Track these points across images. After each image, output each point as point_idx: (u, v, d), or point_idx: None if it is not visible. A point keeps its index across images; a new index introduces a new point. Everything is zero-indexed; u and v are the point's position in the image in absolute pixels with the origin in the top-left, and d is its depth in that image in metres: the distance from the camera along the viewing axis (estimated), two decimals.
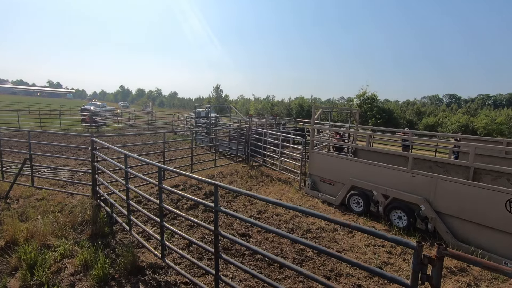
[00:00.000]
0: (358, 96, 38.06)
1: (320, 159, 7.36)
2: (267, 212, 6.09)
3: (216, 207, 2.94)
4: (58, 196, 6.17)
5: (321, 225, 5.55)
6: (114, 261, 3.94)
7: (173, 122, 23.04)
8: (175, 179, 7.90)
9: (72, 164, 9.32)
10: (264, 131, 10.48)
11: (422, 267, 1.79)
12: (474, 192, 4.77)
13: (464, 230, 4.95)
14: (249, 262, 4.19)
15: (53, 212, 5.27)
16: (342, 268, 4.16)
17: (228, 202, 6.61)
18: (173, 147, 13.39)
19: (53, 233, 4.49)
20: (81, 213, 5.06)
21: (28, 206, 5.51)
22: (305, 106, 47.20)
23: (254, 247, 2.84)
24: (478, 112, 38.31)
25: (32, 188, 6.43)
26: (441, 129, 35.42)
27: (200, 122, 16.33)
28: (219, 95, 70.52)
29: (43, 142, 6.79)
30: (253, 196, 2.74)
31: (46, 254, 3.95)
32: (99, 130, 19.32)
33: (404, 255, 4.65)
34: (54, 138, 14.43)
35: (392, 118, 37.54)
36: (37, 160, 9.48)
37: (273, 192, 7.59)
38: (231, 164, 10.19)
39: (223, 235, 3.01)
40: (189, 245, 4.53)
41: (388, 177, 5.90)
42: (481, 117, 33.90)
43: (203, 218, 5.66)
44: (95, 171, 5.51)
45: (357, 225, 2.07)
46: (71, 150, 11.78)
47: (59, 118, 19.51)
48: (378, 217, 6.09)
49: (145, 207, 5.97)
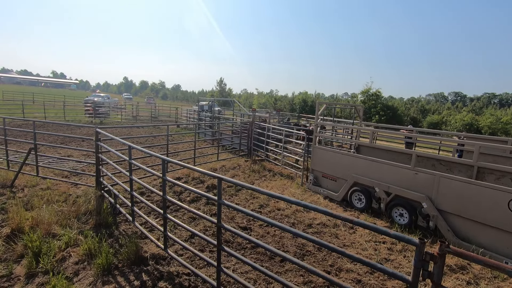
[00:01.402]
0: (362, 92, 37.76)
1: (323, 155, 7.35)
2: (269, 207, 6.13)
3: (220, 200, 2.96)
4: (63, 186, 6.24)
5: (322, 220, 5.57)
6: (117, 251, 4.00)
7: (176, 115, 23.08)
8: (177, 172, 7.94)
9: (76, 155, 9.39)
10: (267, 125, 10.46)
11: (423, 264, 1.80)
12: (477, 191, 4.75)
13: (466, 229, 4.95)
14: (251, 255, 4.23)
15: (58, 201, 5.33)
16: (343, 263, 4.19)
17: (230, 196, 6.65)
18: (176, 140, 13.42)
19: (58, 222, 4.56)
20: (85, 203, 5.12)
21: (33, 195, 5.58)
22: (309, 101, 46.99)
23: (256, 240, 2.86)
24: (483, 111, 37.90)
25: (37, 177, 6.51)
26: (445, 127, 35.13)
27: (203, 115, 16.32)
28: (223, 89, 70.40)
29: (48, 132, 6.85)
30: (256, 189, 2.75)
31: (51, 243, 4.02)
32: (102, 122, 19.41)
33: (404, 252, 4.67)
34: (58, 129, 14.53)
35: (396, 115, 37.29)
36: (42, 150, 9.55)
37: (275, 187, 7.62)
38: (234, 158, 10.22)
39: (226, 228, 3.03)
40: (191, 237, 4.58)
41: (391, 174, 5.89)
42: (486, 116, 33.55)
43: (205, 211, 5.70)
44: (99, 162, 5.55)
45: (359, 221, 2.07)
46: (75, 141, 11.85)
47: (63, 109, 19.61)
48: (379, 214, 6.10)
49: (148, 198, 6.02)
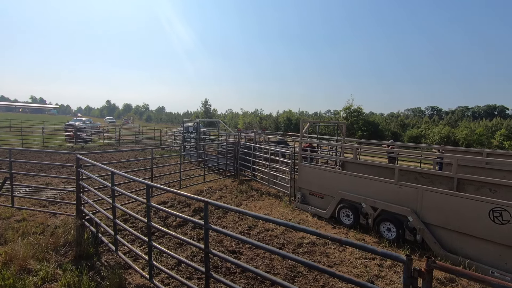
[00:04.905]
0: (344, 109, 39.00)
1: (309, 173, 7.40)
2: (258, 228, 6.03)
3: (206, 225, 2.89)
4: (40, 217, 5.92)
5: (312, 239, 5.52)
6: (99, 284, 3.77)
7: (161, 137, 22.81)
8: (163, 196, 7.74)
9: (55, 182, 9.01)
10: (253, 145, 10.50)
11: (412, 281, 1.81)
12: (458, 202, 4.89)
13: (451, 240, 5.03)
14: (241, 280, 4.10)
15: (34, 233, 5.03)
16: (335, 283, 4.13)
17: (218, 218, 6.51)
18: (161, 163, 13.18)
19: (34, 256, 4.28)
20: (64, 233, 4.86)
21: (7, 228, 5.25)
22: (293, 119, 47.90)
23: (245, 265, 2.79)
24: (458, 124, 39.84)
25: (12, 208, 6.16)
26: (424, 140, 36.50)
27: (189, 137, 16.22)
28: (208, 109, 70.70)
29: (25, 161, 6.56)
30: (243, 212, 2.72)
31: (26, 279, 3.75)
32: (84, 147, 18.86)
33: (394, 267, 4.66)
34: (36, 156, 13.95)
35: (378, 130, 38.52)
36: (18, 179, 9.12)
37: (263, 207, 7.54)
38: (220, 179, 10.11)
39: (214, 253, 2.95)
40: (178, 264, 4.40)
41: (376, 189, 5.98)
42: (461, 128, 35.27)
43: (192, 236, 5.53)
44: (79, 190, 5.34)
45: (347, 240, 2.08)
46: (54, 168, 11.39)
47: (42, 135, 18.97)
48: (367, 229, 6.12)
49: (132, 225, 5.79)
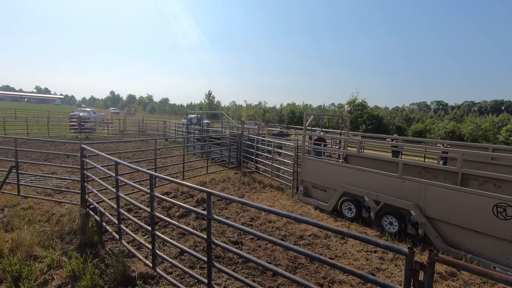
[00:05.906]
0: (349, 102, 38.68)
1: (312, 165, 7.39)
2: (260, 219, 6.07)
3: (209, 215, 2.91)
4: (45, 205, 6.01)
5: (314, 231, 5.55)
6: (103, 271, 3.84)
7: (165, 129, 22.88)
8: (166, 187, 7.80)
9: (60, 172, 9.11)
10: (256, 137, 10.48)
11: (414, 274, 1.81)
12: (462, 197, 4.86)
13: (454, 235, 5.02)
14: (242, 270, 4.15)
15: (40, 221, 5.12)
16: (335, 275, 4.16)
17: (220, 209, 6.56)
18: (164, 154, 13.24)
19: (40, 243, 4.36)
20: (69, 222, 4.93)
21: (14, 215, 5.34)
22: (297, 112, 47.65)
23: (247, 255, 2.81)
24: (464, 119, 39.40)
25: (18, 197, 6.25)
26: (429, 135, 36.18)
27: (192, 128, 16.24)
28: (211, 101, 70.56)
29: (30, 150, 6.60)
30: (246, 203, 2.73)
31: (32, 266, 3.82)
32: (88, 137, 18.99)
33: (396, 260, 4.68)
34: (41, 145, 14.11)
35: (382, 124, 38.22)
36: (24, 168, 9.23)
37: (266, 199, 7.57)
38: (223, 171, 10.14)
39: (216, 243, 2.98)
40: (181, 254, 4.46)
41: (379, 183, 5.96)
42: (467, 123, 34.88)
43: (195, 226, 5.59)
44: (84, 179, 5.40)
45: (350, 232, 2.08)
46: (59, 158, 11.52)
47: (47, 125, 19.11)
48: (369, 223, 6.13)
49: (135, 215, 5.86)
